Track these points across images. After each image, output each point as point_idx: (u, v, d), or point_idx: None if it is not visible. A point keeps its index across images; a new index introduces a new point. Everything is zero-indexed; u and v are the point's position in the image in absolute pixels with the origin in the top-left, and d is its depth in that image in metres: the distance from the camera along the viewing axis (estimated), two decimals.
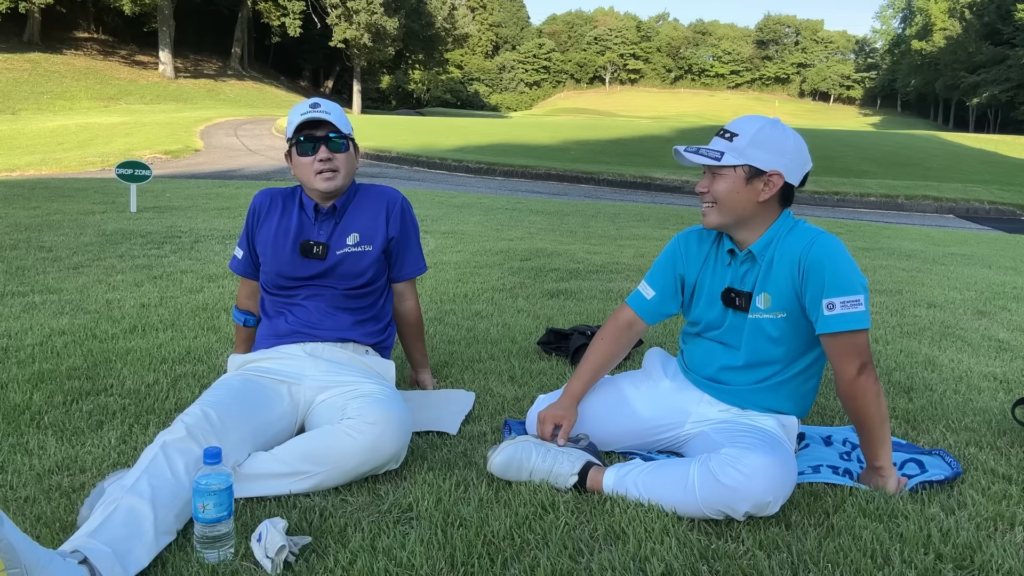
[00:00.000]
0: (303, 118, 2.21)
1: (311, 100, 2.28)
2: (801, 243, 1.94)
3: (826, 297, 1.88)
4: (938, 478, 2.00)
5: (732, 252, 2.05)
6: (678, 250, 2.17)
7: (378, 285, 2.42)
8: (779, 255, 1.97)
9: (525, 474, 1.92)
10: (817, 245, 1.91)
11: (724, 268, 2.08)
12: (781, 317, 1.98)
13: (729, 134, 1.97)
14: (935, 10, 66.43)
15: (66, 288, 3.98)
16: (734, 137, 1.96)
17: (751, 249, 2.00)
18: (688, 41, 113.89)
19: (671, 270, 2.18)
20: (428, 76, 66.11)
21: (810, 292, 1.91)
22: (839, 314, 1.88)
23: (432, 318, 3.65)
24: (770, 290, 1.98)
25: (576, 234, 7.01)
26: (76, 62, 35.97)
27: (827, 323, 1.89)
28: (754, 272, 2.01)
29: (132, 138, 18.55)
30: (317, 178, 2.24)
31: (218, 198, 8.52)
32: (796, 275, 1.94)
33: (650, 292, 2.21)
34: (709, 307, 2.10)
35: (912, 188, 14.29)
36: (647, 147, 20.23)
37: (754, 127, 1.95)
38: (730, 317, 2.06)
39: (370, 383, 2.09)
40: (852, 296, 1.87)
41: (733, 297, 2.04)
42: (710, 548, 1.65)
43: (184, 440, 1.73)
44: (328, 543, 1.64)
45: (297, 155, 2.25)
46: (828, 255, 1.90)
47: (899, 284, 5.09)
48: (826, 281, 1.88)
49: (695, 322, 2.16)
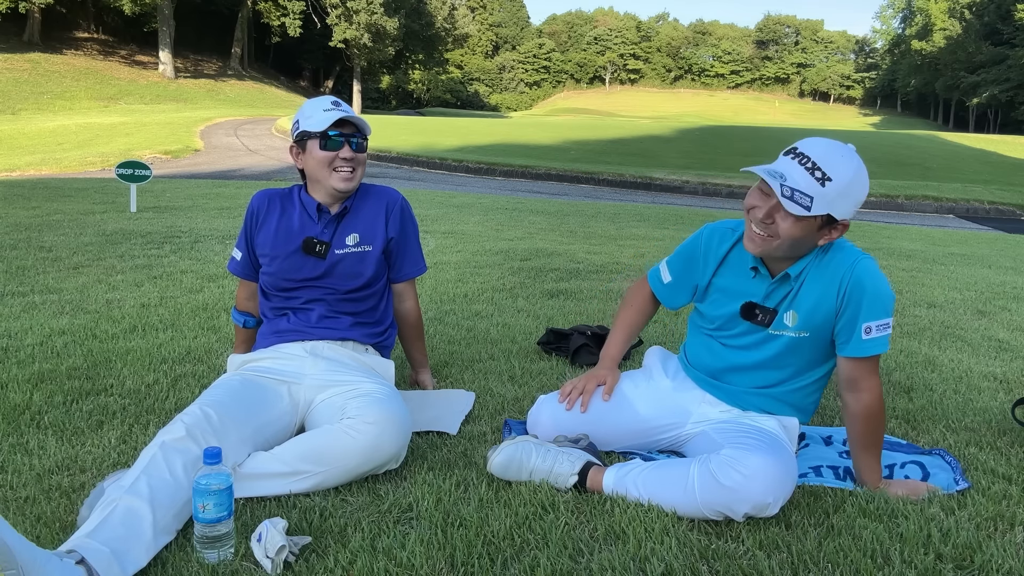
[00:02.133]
0: (335, 115, 2.19)
1: (330, 98, 2.27)
2: (843, 264, 1.90)
3: (865, 321, 1.88)
4: (944, 486, 1.99)
5: (756, 270, 1.99)
6: (699, 249, 2.13)
7: (378, 287, 2.42)
8: (815, 274, 1.93)
9: (525, 474, 1.92)
10: (860, 267, 1.88)
11: (747, 280, 2.02)
12: (804, 336, 1.96)
13: (821, 174, 1.74)
14: (935, 10, 66.46)
15: (66, 288, 3.98)
16: (827, 181, 1.74)
17: (788, 272, 1.94)
18: (688, 41, 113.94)
19: (689, 267, 2.16)
20: (428, 76, 66.15)
21: (848, 314, 1.90)
22: (874, 338, 1.89)
23: (432, 318, 3.65)
24: (799, 309, 1.95)
25: (576, 234, 7.01)
26: (76, 62, 35.98)
27: (862, 347, 1.89)
28: (784, 290, 1.97)
29: (132, 138, 18.56)
30: (335, 176, 2.23)
31: (218, 198, 8.52)
32: (835, 296, 1.90)
33: (667, 276, 2.21)
34: (721, 309, 2.07)
35: (912, 188, 14.28)
36: (647, 147, 20.24)
37: (848, 173, 1.76)
38: (744, 326, 2.03)
39: (370, 382, 2.09)
40: (886, 319, 1.89)
41: (756, 313, 2.00)
42: (710, 548, 1.65)
43: (183, 440, 1.73)
44: (328, 543, 1.64)
45: (319, 149, 2.22)
46: (870, 277, 1.88)
47: (899, 284, 5.09)
48: (865, 305, 1.88)
49: (705, 317, 2.14)
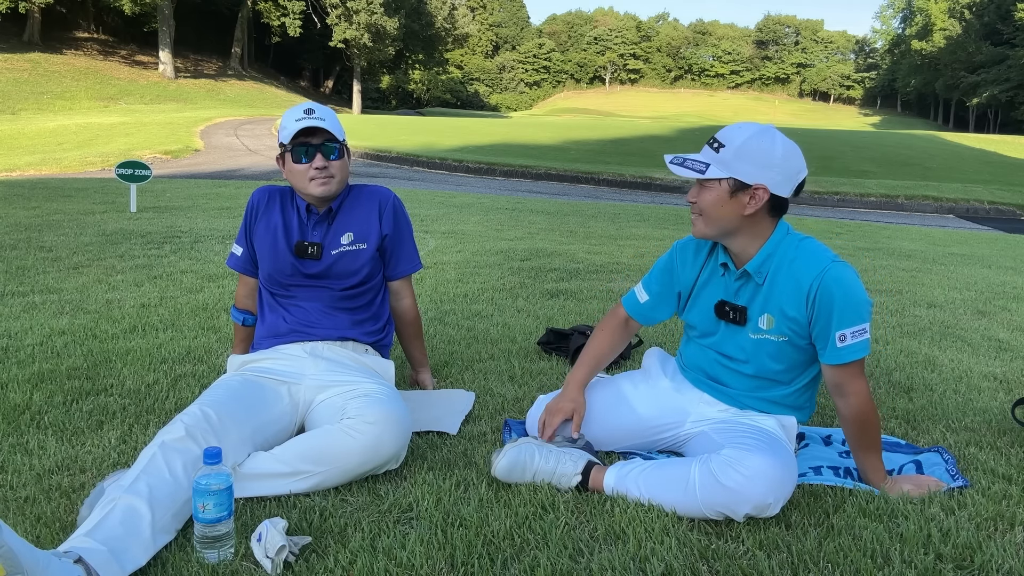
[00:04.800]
0: (299, 126, 2.19)
1: (304, 105, 2.26)
2: (811, 271, 1.89)
3: (838, 330, 1.88)
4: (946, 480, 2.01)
5: (725, 266, 2.02)
6: (675, 260, 2.16)
7: (374, 283, 2.42)
8: (783, 277, 1.93)
9: (529, 476, 1.92)
10: (828, 276, 1.87)
11: (719, 279, 2.06)
12: (783, 340, 1.97)
13: (717, 144, 1.90)
14: (935, 10, 66.44)
15: (66, 288, 3.97)
16: (721, 148, 1.89)
17: (747, 268, 1.96)
18: (688, 41, 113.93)
19: (667, 279, 2.18)
20: (428, 76, 66.12)
21: (820, 323, 1.90)
22: (849, 345, 1.88)
23: (432, 318, 3.65)
24: (773, 312, 1.96)
25: (576, 234, 7.01)
26: (76, 62, 35.96)
27: (838, 354, 1.90)
28: (750, 288, 1.99)
29: (132, 138, 18.55)
30: (312, 184, 2.23)
31: (218, 198, 8.52)
32: (804, 304, 1.91)
33: (644, 296, 2.22)
34: (702, 316, 2.09)
35: (912, 188, 14.29)
36: (647, 147, 20.23)
37: (741, 137, 1.88)
38: (724, 327, 2.05)
39: (370, 382, 2.09)
40: (861, 325, 1.88)
41: (728, 310, 2.01)
42: (710, 548, 1.65)
43: (183, 440, 1.73)
44: (328, 543, 1.64)
45: (291, 162, 2.24)
46: (839, 286, 1.87)
47: (899, 284, 5.09)
48: (836, 314, 1.87)
49: (690, 325, 2.16)
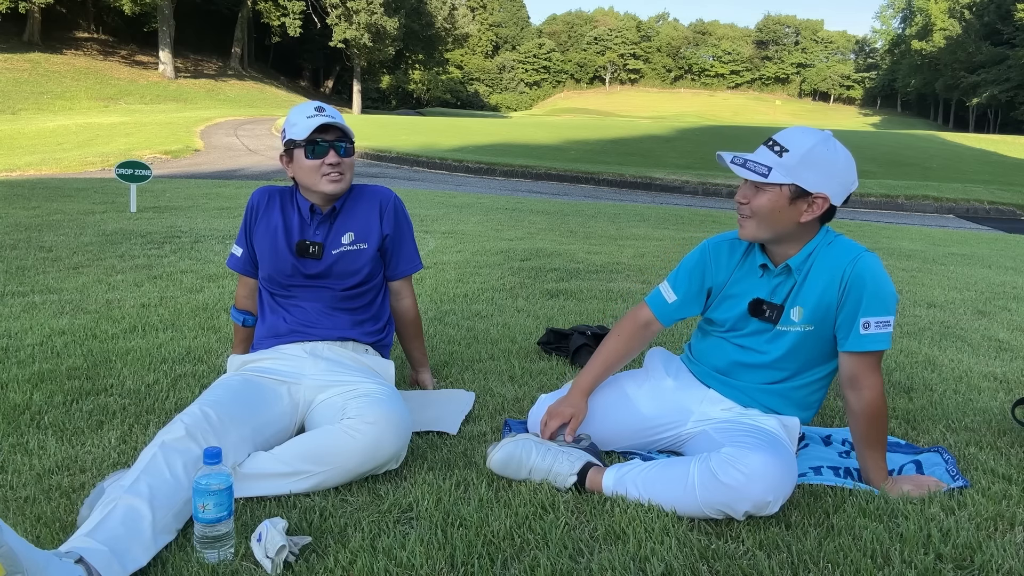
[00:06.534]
0: (315, 122, 2.19)
1: (314, 103, 2.27)
2: (844, 258, 1.91)
3: (863, 316, 1.89)
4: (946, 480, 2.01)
5: (764, 267, 2.02)
6: (708, 259, 2.13)
7: (374, 283, 2.42)
8: (817, 268, 1.95)
9: (524, 472, 1.92)
10: (861, 262, 1.90)
11: (756, 280, 2.04)
12: (809, 330, 1.97)
13: (779, 148, 1.86)
14: (935, 10, 66.45)
15: (66, 288, 3.97)
16: (784, 152, 1.85)
17: (789, 264, 1.96)
18: (688, 41, 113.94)
19: (699, 279, 2.14)
20: (428, 76, 66.14)
21: (847, 308, 1.91)
22: (872, 334, 1.89)
23: (432, 318, 3.64)
24: (804, 303, 1.96)
25: (576, 234, 7.01)
26: (76, 62, 35.98)
27: (860, 341, 1.90)
28: (788, 285, 1.99)
29: (132, 138, 18.55)
30: (323, 180, 2.24)
31: (218, 198, 8.52)
32: (836, 289, 1.91)
33: (672, 296, 2.17)
34: (731, 313, 2.08)
35: (912, 188, 14.28)
36: (647, 147, 20.23)
37: (807, 144, 1.86)
38: (753, 324, 2.04)
39: (370, 382, 2.09)
40: (886, 317, 1.89)
41: (764, 309, 2.01)
42: (710, 548, 1.65)
43: (183, 440, 1.73)
44: (328, 543, 1.64)
45: (305, 158, 2.24)
46: (871, 273, 1.89)
47: (899, 284, 5.09)
48: (865, 300, 1.88)
49: (715, 322, 2.14)
